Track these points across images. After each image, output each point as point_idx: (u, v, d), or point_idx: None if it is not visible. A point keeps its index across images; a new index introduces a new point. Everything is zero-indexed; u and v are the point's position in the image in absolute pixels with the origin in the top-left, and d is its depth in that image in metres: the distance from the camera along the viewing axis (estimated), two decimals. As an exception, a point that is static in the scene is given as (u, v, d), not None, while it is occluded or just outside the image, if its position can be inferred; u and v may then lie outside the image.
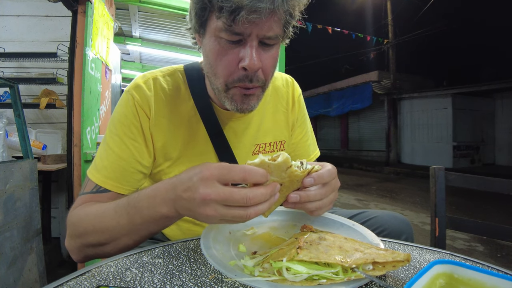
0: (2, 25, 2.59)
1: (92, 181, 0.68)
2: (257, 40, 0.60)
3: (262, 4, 0.53)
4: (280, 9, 0.56)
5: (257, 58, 0.60)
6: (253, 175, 0.46)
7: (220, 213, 0.46)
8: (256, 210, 0.46)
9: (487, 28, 16.16)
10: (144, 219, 0.55)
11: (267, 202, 0.47)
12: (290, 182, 0.51)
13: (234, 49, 0.61)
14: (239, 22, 0.55)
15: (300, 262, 0.43)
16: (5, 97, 2.46)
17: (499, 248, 2.99)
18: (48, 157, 2.13)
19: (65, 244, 0.66)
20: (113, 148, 0.69)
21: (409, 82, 12.10)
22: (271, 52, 0.64)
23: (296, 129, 0.93)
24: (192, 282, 0.43)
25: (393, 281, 0.45)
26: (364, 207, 4.91)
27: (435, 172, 1.04)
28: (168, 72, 0.78)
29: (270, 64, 0.65)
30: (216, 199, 0.45)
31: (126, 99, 0.72)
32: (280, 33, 0.62)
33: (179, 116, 0.75)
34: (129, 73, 5.00)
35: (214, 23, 0.59)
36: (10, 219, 1.38)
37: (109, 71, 2.55)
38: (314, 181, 0.53)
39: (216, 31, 0.60)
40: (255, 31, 0.58)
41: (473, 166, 9.66)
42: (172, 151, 0.75)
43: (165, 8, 2.71)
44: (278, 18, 0.58)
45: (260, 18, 0.55)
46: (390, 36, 11.22)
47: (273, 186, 0.48)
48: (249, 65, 0.60)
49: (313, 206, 0.55)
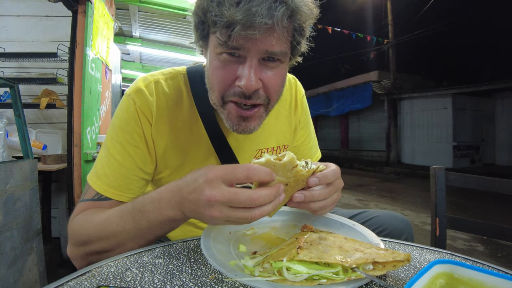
0: (2, 25, 2.59)
1: (92, 188, 0.67)
2: (257, 57, 0.56)
3: (258, 19, 0.49)
4: (280, 25, 0.52)
5: (255, 78, 0.57)
6: (257, 172, 0.46)
7: (225, 214, 0.46)
8: (261, 211, 0.46)
9: (487, 28, 16.15)
10: (150, 223, 0.55)
11: (272, 203, 0.47)
12: (295, 181, 0.52)
13: (233, 65, 0.58)
14: (234, 38, 0.52)
15: (301, 262, 0.43)
16: (5, 97, 2.46)
17: (499, 248, 2.98)
18: (48, 157, 2.13)
19: (67, 252, 0.65)
20: (115, 155, 0.67)
21: (409, 82, 12.10)
22: (277, 70, 0.60)
23: (298, 132, 0.91)
24: (193, 282, 0.43)
25: (393, 281, 0.45)
26: (364, 207, 4.91)
27: (436, 172, 1.03)
28: (170, 75, 0.76)
29: (275, 82, 0.61)
30: (221, 200, 0.45)
31: (127, 103, 0.69)
32: (286, 50, 0.58)
33: (180, 122, 0.73)
34: (129, 73, 5.01)
35: (214, 41, 0.58)
36: (10, 219, 1.38)
37: (109, 71, 2.55)
38: (319, 181, 0.53)
39: (214, 46, 0.58)
40: (254, 48, 0.55)
41: (473, 166, 9.66)
42: (172, 157, 0.73)
43: (165, 8, 2.72)
44: (280, 34, 0.54)
45: (255, 35, 0.51)
46: (390, 36, 11.22)
47: (277, 187, 0.48)
48: (245, 86, 0.56)
49: (317, 205, 0.55)
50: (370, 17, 14.55)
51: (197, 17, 0.59)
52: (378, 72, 11.81)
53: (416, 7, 11.11)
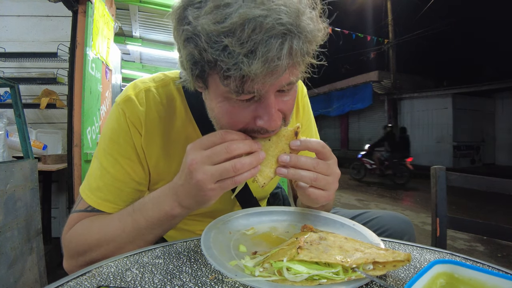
0: (3, 25, 2.60)
1: (85, 201, 0.65)
2: (274, 93, 0.50)
3: (279, 62, 0.43)
4: (298, 57, 0.45)
5: (277, 114, 0.51)
6: (230, 133, 0.51)
7: (210, 173, 0.48)
8: (242, 162, 0.49)
9: (488, 28, 16.14)
10: (149, 221, 0.56)
11: (253, 155, 0.50)
12: (277, 137, 0.55)
13: (248, 107, 0.51)
14: (253, 86, 0.46)
15: (301, 262, 0.43)
16: (5, 97, 2.46)
17: (500, 248, 2.98)
18: (48, 157, 2.13)
19: (63, 266, 0.63)
20: (107, 168, 0.65)
21: (409, 82, 12.11)
22: (290, 94, 0.55)
23: (300, 135, 0.89)
24: (193, 282, 0.43)
25: (394, 281, 0.45)
26: (364, 207, 4.91)
27: (436, 172, 1.03)
28: (162, 82, 0.71)
29: (290, 106, 0.56)
30: (201, 159, 0.49)
31: (118, 114, 0.66)
32: (298, 75, 0.52)
33: (174, 132, 0.69)
34: (129, 73, 5.01)
35: (219, 85, 0.48)
36: (11, 219, 1.38)
37: (109, 71, 2.55)
38: (300, 143, 0.54)
39: (223, 92, 0.49)
40: (272, 88, 0.49)
41: (473, 166, 9.66)
42: (167, 170, 0.70)
43: (165, 8, 2.71)
44: (297, 67, 0.49)
45: (276, 79, 0.45)
46: (390, 36, 11.22)
47: (251, 141, 0.52)
48: (269, 126, 0.51)
49: (307, 175, 0.52)
50: (370, 17, 14.57)
51: (192, 61, 0.47)
52: (378, 72, 11.81)
53: (416, 7, 11.12)
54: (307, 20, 0.45)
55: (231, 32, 0.41)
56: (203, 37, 0.43)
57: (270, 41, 0.41)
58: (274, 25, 0.41)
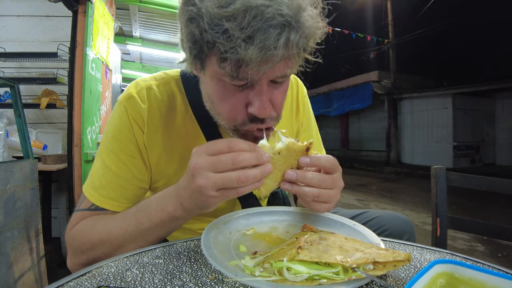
0: (3, 25, 2.60)
1: (88, 199, 0.65)
2: (267, 82, 0.52)
3: (275, 52, 0.44)
4: (294, 50, 0.47)
5: (268, 103, 0.53)
6: (238, 142, 0.49)
7: (211, 180, 0.47)
8: (246, 174, 0.47)
9: (488, 28, 16.15)
10: (151, 222, 0.56)
11: (259, 168, 0.49)
12: (288, 152, 0.53)
13: (240, 91, 0.53)
14: (247, 72, 0.47)
15: (301, 262, 0.43)
16: (5, 97, 2.46)
17: (500, 248, 2.98)
18: (48, 157, 2.13)
19: (67, 265, 0.64)
20: (110, 166, 0.65)
21: (409, 82, 12.09)
22: (282, 87, 0.57)
23: (301, 135, 0.89)
24: (193, 283, 0.43)
25: (394, 281, 0.45)
26: (364, 207, 4.91)
27: (437, 172, 1.03)
28: (163, 80, 0.72)
29: (281, 99, 0.58)
30: (205, 164, 0.47)
31: (120, 112, 0.67)
32: (292, 69, 0.54)
33: (175, 130, 0.70)
34: (129, 73, 5.01)
35: (215, 67, 0.50)
36: (11, 219, 1.38)
37: (109, 71, 2.55)
38: (310, 161, 0.53)
39: (218, 74, 0.51)
40: (265, 76, 0.51)
41: (474, 166, 9.66)
42: (167, 166, 0.71)
43: (165, 8, 2.72)
44: (292, 60, 0.51)
45: (271, 67, 0.47)
46: (390, 36, 11.22)
47: (259, 152, 0.50)
48: (259, 113, 0.53)
49: (310, 191, 0.53)
50: (370, 17, 14.55)
51: (191, 41, 0.49)
52: (378, 72, 11.80)
53: (416, 7, 11.12)
54: (307, 17, 0.47)
55: (233, 17, 0.43)
56: (206, 19, 0.45)
57: (268, 30, 0.43)
58: (274, 15, 0.43)
